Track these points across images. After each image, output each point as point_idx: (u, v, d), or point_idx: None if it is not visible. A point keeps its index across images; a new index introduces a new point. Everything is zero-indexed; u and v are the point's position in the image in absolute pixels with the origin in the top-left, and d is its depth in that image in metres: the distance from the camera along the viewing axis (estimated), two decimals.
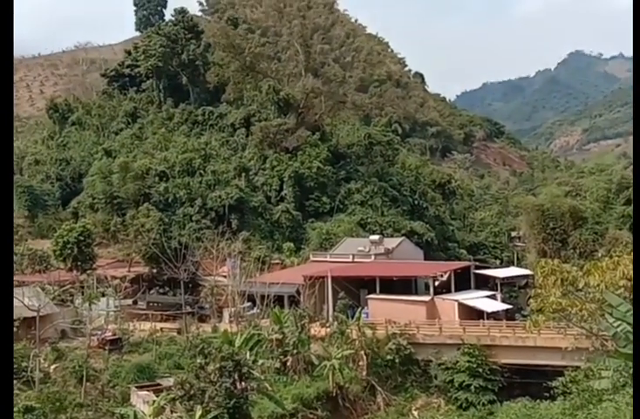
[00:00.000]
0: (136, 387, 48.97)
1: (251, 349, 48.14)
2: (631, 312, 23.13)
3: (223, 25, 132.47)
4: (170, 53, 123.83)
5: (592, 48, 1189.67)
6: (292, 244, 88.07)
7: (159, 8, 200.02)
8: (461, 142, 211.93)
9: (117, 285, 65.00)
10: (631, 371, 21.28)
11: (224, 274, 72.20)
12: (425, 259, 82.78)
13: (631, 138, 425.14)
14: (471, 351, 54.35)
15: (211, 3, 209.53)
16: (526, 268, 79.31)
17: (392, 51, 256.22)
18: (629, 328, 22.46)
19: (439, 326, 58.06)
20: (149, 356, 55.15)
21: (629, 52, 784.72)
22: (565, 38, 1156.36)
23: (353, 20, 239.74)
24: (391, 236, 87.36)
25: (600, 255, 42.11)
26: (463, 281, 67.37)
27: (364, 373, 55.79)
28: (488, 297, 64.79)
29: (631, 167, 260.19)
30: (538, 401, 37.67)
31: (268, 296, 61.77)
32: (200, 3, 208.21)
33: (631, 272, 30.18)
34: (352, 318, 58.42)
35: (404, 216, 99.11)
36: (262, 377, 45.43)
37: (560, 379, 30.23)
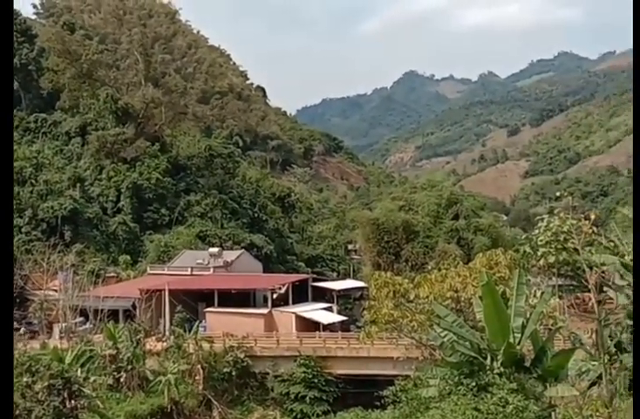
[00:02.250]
0: None
1: (82, 366, 46.28)
2: (457, 322, 24.36)
3: (59, 30, 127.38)
4: None
5: (425, 69, 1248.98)
6: (129, 257, 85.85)
7: None
8: (301, 156, 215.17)
9: None
10: (456, 379, 22.37)
11: (55, 288, 69.10)
12: (264, 272, 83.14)
13: (460, 156, 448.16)
14: (307, 362, 54.98)
15: (46, 6, 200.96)
16: (361, 280, 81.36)
17: (234, 63, 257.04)
18: (455, 338, 23.60)
19: (277, 338, 58.33)
20: None
21: (458, 74, 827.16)
22: (401, 59, 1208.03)
23: (195, 31, 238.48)
24: (231, 248, 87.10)
25: (430, 268, 43.87)
26: (301, 293, 68.22)
27: (201, 387, 55.03)
28: (325, 309, 65.90)
29: (460, 183, 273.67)
30: (370, 410, 38.59)
31: (102, 310, 59.71)
32: (35, 6, 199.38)
33: (457, 284, 31.86)
34: (190, 331, 57.62)
35: (243, 229, 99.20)
36: (94, 394, 43.73)
37: (390, 388, 31.24)
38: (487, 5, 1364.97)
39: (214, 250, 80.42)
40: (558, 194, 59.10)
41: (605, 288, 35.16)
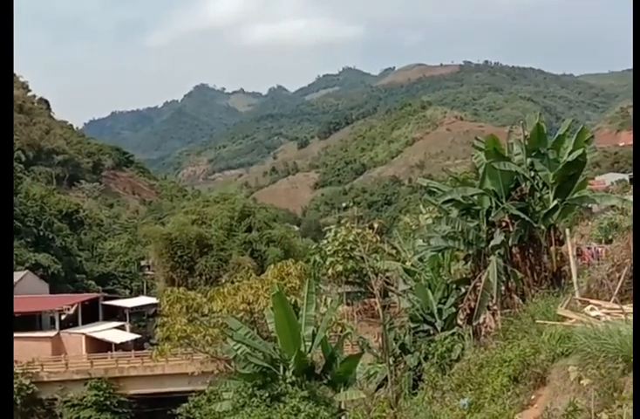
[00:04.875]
0: None
1: None
2: (250, 334, 24.50)
3: None
4: None
5: (216, 82, 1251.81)
6: None
7: None
8: (90, 171, 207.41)
9: None
10: (250, 391, 22.45)
11: None
12: (52, 293, 79.08)
13: (252, 168, 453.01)
14: (98, 385, 52.97)
15: None
16: (155, 296, 79.76)
17: (15, 74, 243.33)
18: (249, 350, 23.71)
19: (65, 361, 55.74)
20: None
21: (249, 88, 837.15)
22: (191, 72, 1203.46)
23: None
24: (14, 270, 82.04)
25: (224, 281, 43.94)
26: (92, 313, 65.83)
27: None
28: (117, 328, 64.06)
29: (252, 195, 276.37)
30: None
31: None
32: None
33: (250, 297, 32.09)
34: None
35: (27, 249, 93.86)
36: None
37: (184, 405, 30.80)
38: (275, 21, 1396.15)
39: None
40: (344, 204, 61.33)
41: (390, 293, 36.97)
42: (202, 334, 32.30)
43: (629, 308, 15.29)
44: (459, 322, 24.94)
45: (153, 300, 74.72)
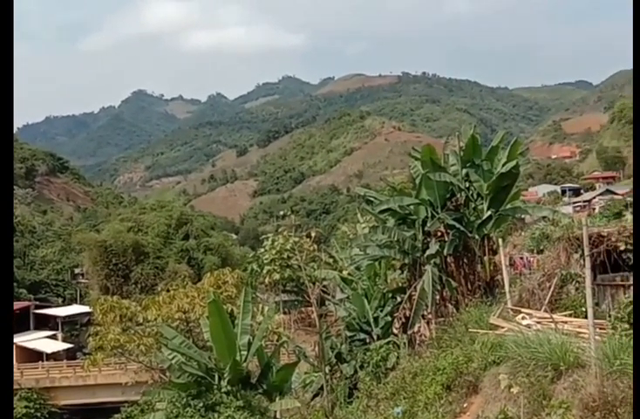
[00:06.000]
0: None
1: None
2: (185, 343, 24.25)
3: None
4: None
5: (154, 89, 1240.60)
6: None
7: None
8: (23, 177, 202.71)
9: None
10: (184, 401, 22.16)
11: None
12: None
13: (190, 176, 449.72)
14: (29, 395, 51.79)
15: None
16: (88, 305, 78.31)
17: None
18: (184, 359, 23.47)
19: None
20: None
21: (188, 95, 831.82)
22: (129, 77, 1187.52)
23: None
24: None
25: (160, 289, 43.36)
26: (22, 322, 64.26)
27: None
28: (49, 337, 62.74)
29: (190, 203, 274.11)
30: None
31: None
32: None
33: (186, 305, 31.74)
34: None
35: None
36: None
37: (116, 416, 30.25)
38: (216, 28, 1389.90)
39: None
40: (282, 213, 61.30)
41: (327, 302, 37.07)
42: (136, 344, 31.74)
43: (558, 317, 15.66)
44: (395, 331, 25.14)
45: (86, 309, 73.30)
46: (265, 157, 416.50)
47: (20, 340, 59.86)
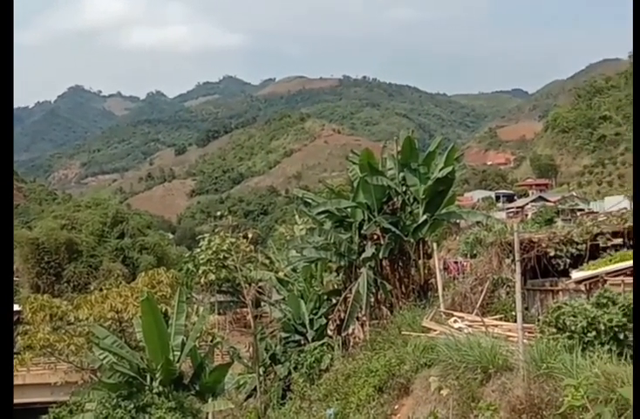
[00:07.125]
0: None
1: None
2: (117, 343, 23.93)
3: None
4: None
5: (92, 85, 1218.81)
6: None
7: None
8: None
9: None
10: (114, 402, 21.83)
11: None
12: None
13: (127, 174, 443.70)
14: None
15: None
16: (18, 304, 76.35)
17: None
18: (115, 359, 23.13)
19: None
20: None
21: (126, 92, 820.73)
22: (65, 73, 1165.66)
23: None
24: None
25: (92, 288, 42.57)
26: None
27: None
28: None
29: (127, 201, 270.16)
30: None
31: None
32: None
33: (119, 305, 31.29)
34: None
35: None
36: None
37: (44, 416, 29.61)
38: (156, 25, 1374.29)
39: None
40: (220, 213, 60.87)
41: (263, 303, 36.98)
42: (67, 343, 31.14)
43: (489, 320, 15.98)
44: (330, 333, 25.27)
45: (16, 307, 71.48)
46: (204, 157, 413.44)
47: None
